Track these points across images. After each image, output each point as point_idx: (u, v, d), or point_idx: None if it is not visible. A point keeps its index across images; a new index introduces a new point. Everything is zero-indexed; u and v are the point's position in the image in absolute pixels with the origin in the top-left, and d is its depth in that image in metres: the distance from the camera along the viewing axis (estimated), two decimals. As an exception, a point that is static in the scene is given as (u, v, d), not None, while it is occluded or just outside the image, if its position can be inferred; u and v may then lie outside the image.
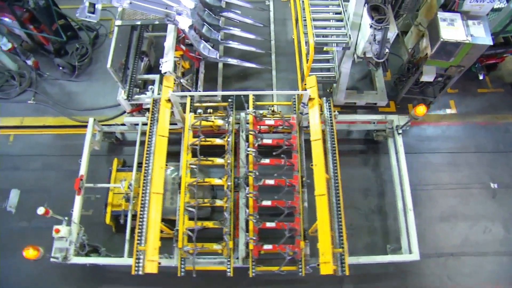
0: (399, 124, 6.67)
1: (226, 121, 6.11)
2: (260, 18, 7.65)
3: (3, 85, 8.50)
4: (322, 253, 4.92)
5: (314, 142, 5.47)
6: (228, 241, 5.42)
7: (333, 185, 5.90)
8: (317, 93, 5.71)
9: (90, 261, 5.79)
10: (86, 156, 6.31)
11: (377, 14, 5.91)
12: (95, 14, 5.41)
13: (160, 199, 5.27)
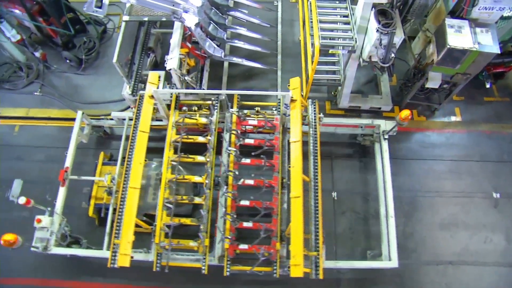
0: (385, 129, 6.63)
1: (209, 120, 6.14)
2: (267, 19, 7.65)
3: (10, 76, 8.58)
4: (293, 256, 4.94)
5: (293, 144, 5.50)
6: (203, 239, 5.48)
7: (313, 188, 5.86)
8: (299, 94, 5.74)
9: (71, 252, 5.88)
10: (73, 149, 6.44)
11: (384, 19, 5.88)
12: (102, 8, 5.46)
13: (137, 194, 5.38)
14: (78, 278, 6.55)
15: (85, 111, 6.97)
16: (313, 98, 7.69)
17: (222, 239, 5.54)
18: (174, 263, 5.66)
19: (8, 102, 8.27)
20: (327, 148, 7.41)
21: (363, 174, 7.29)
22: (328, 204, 6.95)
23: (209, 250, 5.68)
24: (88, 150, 7.38)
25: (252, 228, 5.66)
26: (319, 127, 6.34)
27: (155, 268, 5.54)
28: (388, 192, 6.28)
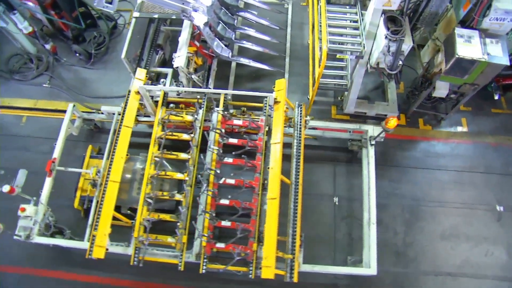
0: (373, 135, 6.59)
1: (194, 118, 6.18)
2: (277, 21, 7.65)
3: (21, 67, 8.70)
4: (266, 257, 4.97)
5: (273, 145, 5.53)
6: (180, 236, 5.53)
7: (293, 191, 5.86)
8: (284, 96, 5.74)
9: (53, 242, 5.97)
10: (61, 140, 6.53)
11: (393, 26, 5.86)
12: (112, 4, 5.50)
13: (116, 187, 5.48)
14: (59, 267, 6.64)
15: (91, 105, 7.04)
16: (320, 102, 7.79)
17: (199, 236, 5.57)
18: (152, 258, 5.74)
19: (17, 92, 8.37)
20: (330, 153, 7.44)
21: (365, 180, 7.25)
22: (329, 209, 6.95)
23: (187, 247, 5.70)
24: (79, 142, 7.49)
25: (231, 227, 5.69)
26: (304, 130, 6.33)
27: (132, 262, 5.60)
28: (372, 198, 6.25)
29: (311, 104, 7.10)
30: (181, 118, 6.25)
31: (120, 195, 6.12)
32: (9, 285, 6.56)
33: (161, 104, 6.27)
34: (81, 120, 7.20)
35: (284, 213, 5.70)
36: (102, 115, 7.16)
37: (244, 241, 5.48)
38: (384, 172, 7.27)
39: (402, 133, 7.65)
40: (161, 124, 6.15)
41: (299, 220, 5.64)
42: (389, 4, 5.60)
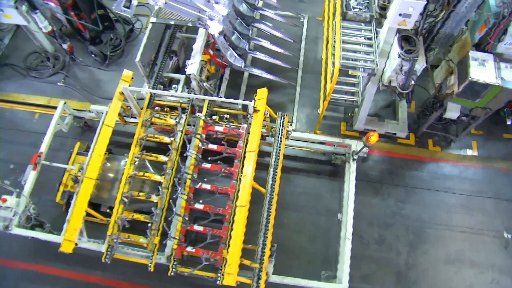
0: (355, 150, 6.57)
1: (177, 121, 6.28)
2: (292, 34, 7.69)
3: (38, 65, 8.87)
4: (229, 264, 4.95)
5: (248, 153, 5.55)
6: (151, 236, 5.59)
7: (268, 200, 5.83)
8: (264, 106, 5.76)
9: (31, 235, 6.05)
10: (50, 135, 6.64)
11: (407, 45, 5.85)
12: (130, 9, 5.59)
13: (92, 184, 5.58)
14: (36, 260, 6.75)
15: (103, 105, 7.12)
16: (330, 117, 7.78)
17: (170, 239, 5.62)
18: (123, 256, 5.81)
19: (32, 89, 8.53)
20: (336, 169, 7.39)
21: (370, 198, 7.20)
22: (332, 226, 6.89)
23: (161, 250, 5.78)
24: (69, 139, 7.66)
25: (202, 232, 5.72)
26: (284, 141, 6.34)
27: (104, 259, 5.66)
28: (349, 213, 6.21)
29: (321, 118, 7.09)
30: (164, 121, 6.38)
31: (101, 194, 6.44)
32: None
33: (147, 106, 6.42)
34: (71, 117, 7.36)
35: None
36: (91, 113, 7.31)
37: (216, 247, 5.51)
38: (390, 191, 7.22)
39: (411, 153, 7.60)
40: (144, 126, 6.28)
41: (270, 230, 5.66)
42: (404, 24, 5.60)
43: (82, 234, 5.88)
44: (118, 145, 7.36)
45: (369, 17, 6.51)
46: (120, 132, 7.61)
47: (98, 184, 6.47)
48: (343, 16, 6.53)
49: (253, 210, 5.72)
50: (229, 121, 6.48)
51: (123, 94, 6.18)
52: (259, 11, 7.10)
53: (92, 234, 5.96)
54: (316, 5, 9.28)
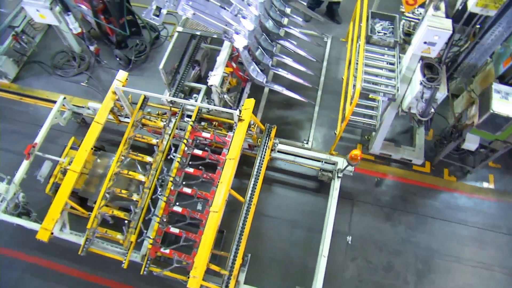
0: (341, 168, 6.57)
1: (166, 124, 6.48)
2: (314, 53, 7.75)
3: (64, 64, 9.11)
4: (195, 267, 5.00)
5: (227, 161, 5.67)
6: (127, 234, 5.73)
7: (245, 209, 5.94)
8: (250, 116, 5.87)
9: (16, 222, 6.20)
10: (46, 127, 6.82)
11: (430, 73, 5.86)
12: (159, 17, 5.71)
13: (74, 176, 5.78)
14: (16, 248, 6.90)
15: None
16: (346, 139, 7.79)
17: (145, 238, 5.71)
18: (99, 251, 5.92)
19: (56, 87, 8.76)
20: (349, 190, 7.36)
21: (382, 222, 7.12)
22: (341, 247, 6.84)
23: (137, 248, 5.90)
24: (65, 134, 7.83)
25: (178, 234, 5.80)
26: (269, 152, 6.49)
27: (81, 252, 5.79)
28: (328, 231, 6.21)
29: (338, 140, 7.09)
30: (154, 123, 6.61)
31: (89, 189, 6.63)
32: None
33: (139, 107, 6.63)
34: (70, 113, 7.57)
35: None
36: (89, 110, 7.50)
37: (190, 250, 5.56)
38: (402, 218, 7.15)
39: (425, 181, 7.52)
40: (135, 126, 6.52)
41: (244, 238, 5.73)
42: (428, 51, 5.62)
43: (65, 226, 6.07)
44: (112, 143, 7.51)
45: (393, 42, 6.54)
46: (114, 131, 7.88)
47: (87, 179, 6.74)
48: (368, 40, 6.58)
49: (233, 218, 5.99)
50: (216, 128, 6.69)
51: (116, 94, 6.42)
52: (285, 28, 7.19)
53: (81, 228, 6.08)
54: (341, 26, 9.37)
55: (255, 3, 6.23)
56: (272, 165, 7.51)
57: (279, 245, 6.90)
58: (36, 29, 9.39)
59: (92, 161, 6.89)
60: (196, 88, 7.44)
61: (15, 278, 6.68)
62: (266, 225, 7.05)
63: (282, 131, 7.91)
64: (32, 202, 6.60)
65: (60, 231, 5.98)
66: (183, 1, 5.69)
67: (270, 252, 6.82)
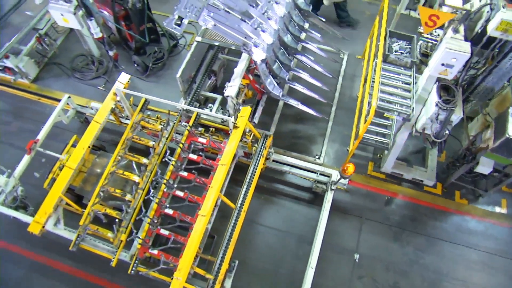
0: (334, 180, 6.60)
1: (164, 128, 6.63)
2: (330, 69, 7.79)
3: (83, 67, 9.29)
4: (179, 269, 5.01)
5: (219, 166, 5.74)
6: (117, 233, 5.85)
7: (235, 216, 6.01)
8: (245, 123, 5.94)
9: (13, 214, 6.31)
10: (49, 125, 6.96)
11: (446, 94, 5.85)
12: (180, 27, 5.80)
13: (70, 173, 5.92)
14: (10, 240, 7.04)
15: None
16: (358, 156, 7.79)
17: (134, 237, 5.79)
18: (90, 248, 6.03)
19: (74, 89, 8.90)
20: (358, 208, 7.34)
21: (391, 242, 7.06)
22: (348, 265, 6.80)
23: (127, 247, 6.01)
24: (68, 132, 8.01)
25: (168, 236, 5.87)
26: (262, 161, 6.57)
27: (71, 247, 5.88)
28: (318, 242, 6.26)
29: (350, 156, 7.09)
30: (152, 126, 6.77)
31: (85, 187, 6.77)
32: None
33: (139, 110, 6.78)
34: (74, 112, 7.70)
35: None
36: (92, 110, 7.65)
37: (179, 253, 5.57)
38: (410, 238, 7.08)
39: (436, 202, 7.47)
40: (134, 128, 6.67)
41: (232, 244, 5.79)
42: (445, 73, 5.63)
43: (60, 222, 6.16)
44: (113, 144, 7.64)
45: (410, 62, 6.57)
46: (116, 131, 8.02)
47: (85, 177, 6.88)
48: (385, 59, 6.61)
49: (225, 224, 6.01)
50: (212, 134, 6.83)
51: (117, 95, 6.58)
52: (303, 43, 7.26)
53: (76, 225, 6.10)
54: (358, 44, 9.42)
55: (275, 18, 6.32)
56: (267, 175, 7.55)
57: (269, 254, 6.91)
58: (58, 32, 9.62)
59: (91, 160, 7.07)
60: (212, 98, 7.51)
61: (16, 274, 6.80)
62: (258, 234, 7.09)
63: (295, 145, 7.96)
64: (31, 197, 6.72)
65: (54, 226, 6.10)
66: (204, 12, 5.78)
67: (259, 261, 6.83)
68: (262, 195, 7.44)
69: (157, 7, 9.87)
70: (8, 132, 8.30)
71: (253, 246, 6.96)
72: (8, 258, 6.90)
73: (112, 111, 6.90)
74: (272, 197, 7.48)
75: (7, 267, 6.82)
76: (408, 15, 9.99)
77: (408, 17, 9.94)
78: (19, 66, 8.67)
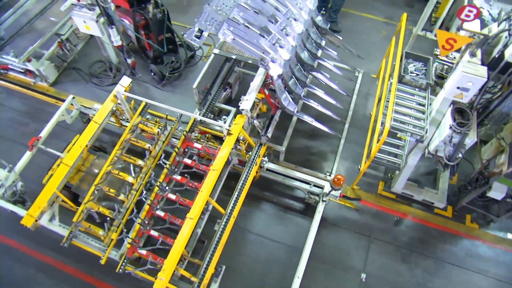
0: (326, 192, 6.63)
1: (161, 132, 6.80)
2: (345, 86, 7.81)
3: (100, 73, 9.47)
4: (163, 269, 5.07)
5: (211, 171, 5.86)
6: (107, 230, 5.97)
7: (224, 221, 6.10)
8: (239, 131, 6.08)
9: (10, 208, 6.42)
10: (52, 123, 7.15)
11: (460, 118, 5.85)
12: (200, 39, 5.90)
13: (66, 170, 6.14)
14: (5, 233, 7.24)
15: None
16: (368, 175, 7.78)
17: (124, 237, 5.90)
18: (81, 244, 6.13)
19: (91, 94, 9.08)
20: (367, 227, 7.30)
21: (399, 263, 6.99)
22: (354, 284, 6.75)
23: (117, 245, 6.11)
24: (70, 132, 8.17)
25: (157, 238, 5.95)
26: (255, 169, 6.70)
27: (63, 243, 6.00)
28: (306, 252, 6.28)
29: (361, 175, 7.08)
30: (149, 129, 6.93)
31: (82, 185, 6.96)
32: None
33: (139, 113, 7.00)
34: (77, 112, 7.89)
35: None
36: (94, 111, 7.77)
37: (167, 254, 5.57)
38: (419, 261, 7.01)
39: (446, 225, 7.39)
40: (132, 130, 6.86)
41: (219, 249, 5.86)
42: (460, 97, 5.64)
43: (55, 218, 6.29)
44: (113, 145, 7.62)
45: (425, 84, 6.59)
46: (117, 134, 8.18)
47: (82, 176, 7.07)
48: (400, 79, 6.65)
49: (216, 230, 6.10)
50: (208, 140, 7.01)
51: (117, 97, 6.77)
52: (319, 60, 7.32)
53: (70, 222, 6.21)
54: (373, 63, 9.47)
55: (293, 34, 6.40)
56: (261, 183, 7.58)
57: (258, 261, 6.92)
58: (79, 38, 9.86)
59: (91, 160, 7.24)
60: (226, 110, 7.58)
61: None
62: (248, 241, 7.12)
63: (306, 161, 7.98)
64: (30, 193, 6.79)
65: (49, 222, 6.21)
66: (224, 26, 5.88)
67: (248, 268, 6.85)
68: (255, 203, 7.51)
69: (176, 17, 10.05)
70: (25, 133, 8.46)
71: (242, 252, 6.99)
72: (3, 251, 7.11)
73: (113, 113, 7.12)
74: (264, 206, 7.54)
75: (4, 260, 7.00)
76: (424, 36, 10.05)
77: (424, 38, 10.00)
78: (39, 70, 8.89)
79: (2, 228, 7.29)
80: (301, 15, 6.71)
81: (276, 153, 7.60)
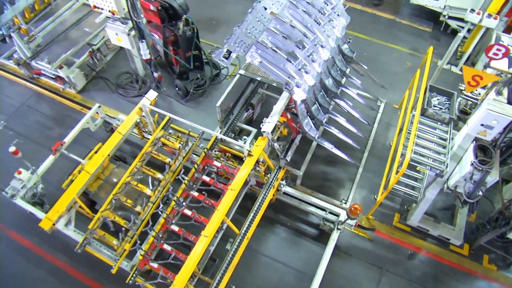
0: (341, 220, 6.56)
1: (182, 147, 6.88)
2: (366, 115, 7.86)
3: (126, 84, 9.73)
4: (174, 285, 5.11)
5: (228, 191, 5.89)
6: (121, 240, 6.00)
7: (237, 242, 6.08)
8: (259, 153, 6.15)
9: (30, 209, 6.57)
10: (76, 130, 7.38)
11: (483, 155, 5.79)
12: (228, 60, 6.03)
13: (87, 177, 6.28)
14: (22, 234, 7.41)
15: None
16: (384, 205, 7.71)
17: (137, 248, 5.91)
18: (94, 252, 6.27)
19: (116, 104, 9.32)
20: (380, 258, 7.20)
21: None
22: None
23: (129, 256, 6.15)
24: (93, 139, 8.40)
25: (170, 252, 5.98)
26: (272, 191, 6.70)
27: (77, 249, 6.12)
28: (317, 279, 6.22)
29: (377, 205, 7.03)
30: (171, 143, 7.05)
31: (100, 193, 7.04)
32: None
33: (162, 127, 7.14)
34: (102, 121, 8.09)
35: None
36: (118, 122, 7.98)
37: (178, 270, 5.56)
38: (437, 285, 6.85)
39: (462, 263, 7.21)
40: (154, 144, 6.96)
41: (231, 269, 5.86)
42: (484, 134, 5.60)
43: (71, 223, 6.42)
44: (133, 156, 7.86)
45: (448, 118, 6.57)
46: (138, 145, 8.37)
47: (101, 184, 7.18)
48: (423, 112, 6.64)
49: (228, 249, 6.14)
50: (228, 159, 7.07)
51: (142, 110, 6.94)
52: (343, 88, 7.38)
53: (85, 229, 6.32)
54: (396, 93, 9.49)
55: (319, 61, 6.49)
56: (278, 206, 7.58)
57: (268, 284, 6.86)
58: (109, 49, 10.19)
59: (110, 169, 7.34)
60: (246, 130, 7.66)
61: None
62: (259, 263, 7.09)
63: (323, 187, 7.96)
64: (49, 196, 7.00)
65: (65, 227, 6.33)
66: (253, 49, 6.00)
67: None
68: (270, 226, 7.49)
69: (205, 35, 10.31)
70: (50, 137, 8.70)
71: (253, 274, 6.95)
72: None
73: (136, 125, 7.28)
74: (278, 229, 7.52)
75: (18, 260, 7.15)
76: (449, 70, 10.04)
77: (449, 72, 9.99)
78: (69, 77, 9.19)
79: (20, 228, 7.44)
80: (328, 43, 6.82)
81: (293, 177, 7.60)
